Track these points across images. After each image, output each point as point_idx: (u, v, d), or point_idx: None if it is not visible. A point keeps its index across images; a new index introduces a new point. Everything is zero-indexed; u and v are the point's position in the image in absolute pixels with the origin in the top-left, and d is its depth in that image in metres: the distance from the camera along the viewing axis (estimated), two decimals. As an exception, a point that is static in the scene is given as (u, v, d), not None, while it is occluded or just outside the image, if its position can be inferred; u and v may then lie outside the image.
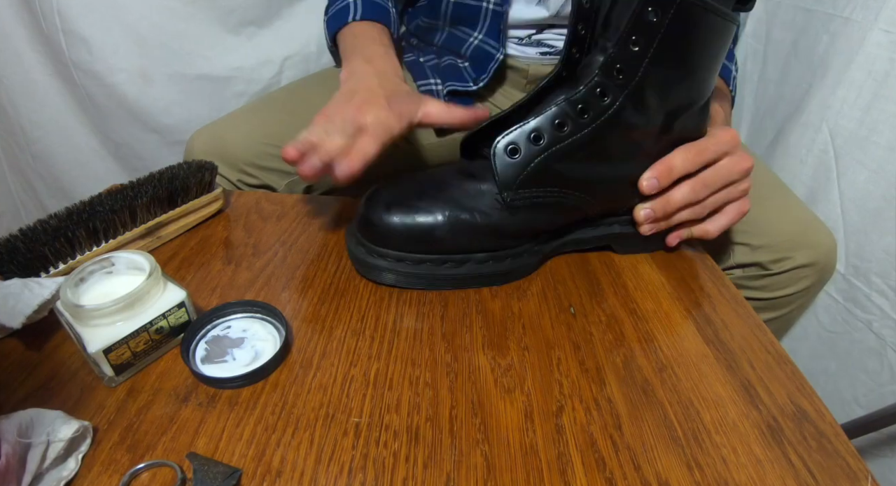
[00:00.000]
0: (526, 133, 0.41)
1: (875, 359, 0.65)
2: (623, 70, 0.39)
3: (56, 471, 0.29)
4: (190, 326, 0.38)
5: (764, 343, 0.40)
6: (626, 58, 0.39)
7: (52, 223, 0.42)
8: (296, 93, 0.74)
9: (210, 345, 0.38)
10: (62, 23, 0.74)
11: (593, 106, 0.40)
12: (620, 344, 0.40)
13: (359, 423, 0.33)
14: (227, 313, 0.40)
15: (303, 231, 0.52)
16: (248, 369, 0.35)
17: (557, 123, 0.40)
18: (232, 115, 0.69)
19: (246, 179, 0.66)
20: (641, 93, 0.40)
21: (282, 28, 0.84)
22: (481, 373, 0.37)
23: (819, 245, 0.61)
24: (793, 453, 0.32)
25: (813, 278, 0.63)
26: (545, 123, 0.41)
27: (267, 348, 0.37)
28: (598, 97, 0.40)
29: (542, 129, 0.41)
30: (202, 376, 0.35)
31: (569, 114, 0.40)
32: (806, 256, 0.60)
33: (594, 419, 0.34)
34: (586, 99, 0.40)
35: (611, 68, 0.39)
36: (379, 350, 0.38)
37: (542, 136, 0.41)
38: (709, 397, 0.35)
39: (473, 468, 0.31)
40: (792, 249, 0.60)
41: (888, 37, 0.59)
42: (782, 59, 0.77)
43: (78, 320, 0.34)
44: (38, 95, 0.82)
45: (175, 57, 0.80)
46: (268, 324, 0.39)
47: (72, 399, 0.34)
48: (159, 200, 0.47)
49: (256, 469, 0.30)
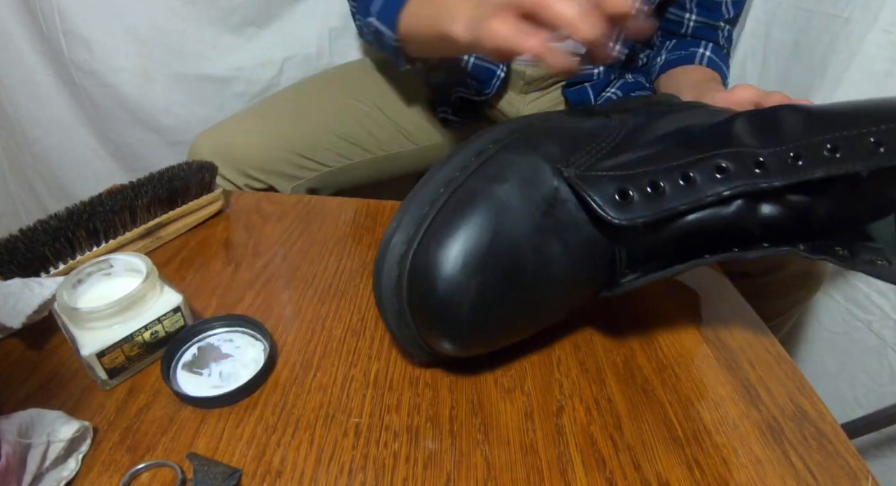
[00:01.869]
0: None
1: (875, 359, 0.65)
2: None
3: (56, 471, 0.29)
4: (167, 345, 0.36)
5: (764, 343, 0.40)
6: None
7: (53, 223, 0.42)
8: (299, 95, 0.74)
9: (191, 364, 0.36)
10: (62, 23, 0.74)
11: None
12: (620, 344, 0.40)
13: (359, 423, 0.33)
14: (206, 329, 0.38)
15: (303, 231, 0.52)
16: (230, 388, 0.34)
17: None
18: (236, 118, 0.69)
19: (253, 184, 0.66)
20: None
21: (282, 29, 0.83)
22: (481, 373, 0.37)
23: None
24: (793, 453, 0.32)
25: (804, 286, 0.62)
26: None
27: (250, 364, 0.36)
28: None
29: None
30: (185, 396, 0.34)
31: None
32: (798, 263, 0.60)
33: (594, 419, 0.34)
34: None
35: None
36: (379, 350, 0.38)
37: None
38: (709, 397, 0.35)
39: (473, 469, 0.30)
40: (783, 259, 0.60)
41: (888, 37, 0.59)
42: (782, 59, 0.77)
43: (73, 322, 0.34)
44: (38, 95, 0.82)
45: (175, 57, 0.80)
46: (249, 337, 0.38)
47: (72, 399, 0.34)
48: (159, 200, 0.47)
49: (256, 469, 0.30)
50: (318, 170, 0.70)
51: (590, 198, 0.31)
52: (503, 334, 0.35)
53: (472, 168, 0.33)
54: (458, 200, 0.31)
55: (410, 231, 0.32)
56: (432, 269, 0.30)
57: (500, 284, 0.31)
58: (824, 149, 0.30)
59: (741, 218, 0.32)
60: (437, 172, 0.33)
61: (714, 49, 0.71)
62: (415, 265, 0.31)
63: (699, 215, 0.32)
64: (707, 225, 0.32)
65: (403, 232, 0.32)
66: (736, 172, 0.31)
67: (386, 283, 0.32)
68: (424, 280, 0.31)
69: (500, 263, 0.31)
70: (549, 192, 0.32)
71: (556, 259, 0.32)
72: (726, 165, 0.31)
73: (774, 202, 0.32)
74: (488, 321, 0.32)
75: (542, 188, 0.32)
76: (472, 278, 0.30)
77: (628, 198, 0.31)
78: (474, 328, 0.32)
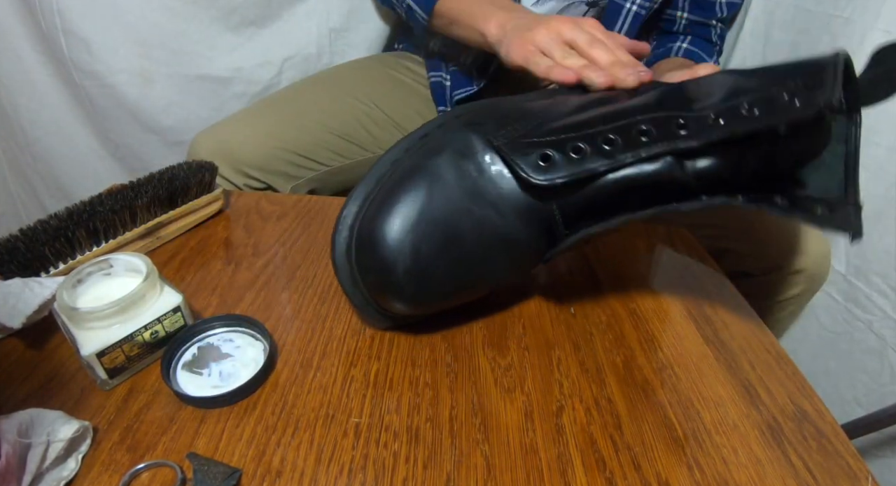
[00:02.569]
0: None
1: (875, 359, 0.65)
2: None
3: (56, 471, 0.29)
4: (167, 345, 0.36)
5: (764, 343, 0.40)
6: None
7: (53, 223, 0.42)
8: (298, 94, 0.74)
9: (191, 364, 0.36)
10: (62, 23, 0.74)
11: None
12: (620, 344, 0.40)
13: (359, 423, 0.33)
14: (206, 329, 0.38)
15: (303, 231, 0.52)
16: (230, 388, 0.34)
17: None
18: (235, 118, 0.69)
19: (252, 184, 0.66)
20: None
21: (282, 29, 0.83)
22: (481, 373, 0.37)
23: (810, 252, 0.61)
24: (793, 453, 0.32)
25: (803, 285, 0.62)
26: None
27: (249, 364, 0.36)
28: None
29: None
30: (185, 396, 0.34)
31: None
32: (795, 262, 0.60)
33: (594, 419, 0.34)
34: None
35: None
36: (379, 350, 0.38)
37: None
38: (709, 397, 0.35)
39: (473, 469, 0.30)
40: (780, 255, 0.60)
41: (888, 37, 0.59)
42: (782, 59, 0.77)
43: (73, 322, 0.34)
44: (38, 95, 0.82)
45: (175, 57, 0.80)
46: (249, 337, 0.38)
47: (72, 399, 0.34)
48: (159, 200, 0.47)
49: (256, 469, 0.30)
50: (317, 169, 0.70)
51: (514, 163, 0.34)
52: (443, 292, 0.37)
53: (414, 149, 0.37)
54: (399, 175, 0.36)
55: (359, 202, 0.37)
56: (375, 232, 0.34)
57: (434, 245, 0.34)
58: (742, 108, 0.33)
59: (669, 173, 0.34)
60: (386, 154, 0.38)
61: (694, 41, 0.71)
62: (360, 232, 0.35)
63: (623, 174, 0.34)
64: (632, 182, 0.35)
65: (353, 204, 0.37)
66: (657, 134, 0.34)
67: (339, 250, 0.37)
68: (368, 243, 0.35)
69: (433, 226, 0.34)
70: (480, 160, 0.36)
71: (491, 222, 0.35)
72: (648, 127, 0.34)
73: (704, 156, 0.34)
74: (425, 280, 0.35)
75: (474, 158, 0.36)
76: (408, 239, 0.34)
77: (550, 161, 0.34)
78: (413, 286, 0.35)
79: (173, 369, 0.36)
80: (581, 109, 0.38)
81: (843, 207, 0.32)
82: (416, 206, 0.34)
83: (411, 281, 0.35)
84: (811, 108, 0.31)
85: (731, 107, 0.33)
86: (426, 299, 0.37)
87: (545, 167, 0.34)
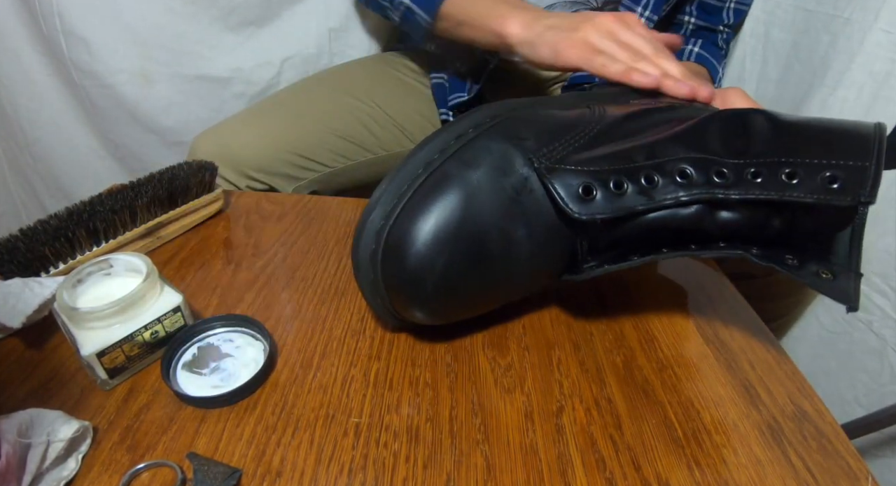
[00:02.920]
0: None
1: (875, 359, 0.65)
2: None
3: (56, 471, 0.29)
4: (167, 345, 0.36)
5: (764, 343, 0.40)
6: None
7: (53, 223, 0.42)
8: (298, 95, 0.74)
9: (191, 364, 0.36)
10: (62, 23, 0.74)
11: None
12: (620, 344, 0.40)
13: (359, 423, 0.33)
14: (206, 329, 0.38)
15: (303, 231, 0.52)
16: (230, 388, 0.34)
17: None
18: (235, 119, 0.69)
19: (255, 186, 0.66)
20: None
21: (282, 29, 0.83)
22: (481, 373, 0.37)
23: None
24: (793, 453, 0.32)
25: (805, 290, 0.62)
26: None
27: (249, 364, 0.36)
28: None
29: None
30: (185, 396, 0.34)
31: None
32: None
33: (594, 419, 0.34)
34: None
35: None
36: (379, 350, 0.38)
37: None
38: (709, 397, 0.35)
39: (473, 469, 0.30)
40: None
41: (888, 37, 0.59)
42: (782, 59, 0.77)
43: (73, 322, 0.34)
44: (38, 95, 0.82)
45: (175, 57, 0.80)
46: (249, 337, 0.38)
47: (72, 399, 0.34)
48: (159, 200, 0.47)
49: (256, 469, 0.30)
50: (319, 171, 0.70)
51: (555, 191, 0.33)
52: (466, 306, 0.38)
53: (450, 151, 0.35)
54: (433, 182, 0.34)
55: (388, 208, 0.34)
56: (404, 244, 0.33)
57: (465, 262, 0.34)
58: (782, 173, 0.32)
59: (699, 220, 0.34)
60: (418, 151, 0.35)
61: (705, 45, 0.71)
62: (389, 240, 0.34)
63: (658, 215, 0.34)
64: (665, 224, 0.35)
65: (382, 208, 0.34)
66: (697, 179, 0.33)
67: (363, 254, 0.35)
68: (397, 255, 0.33)
69: (466, 243, 0.33)
70: (519, 180, 0.35)
71: (521, 243, 0.35)
72: (689, 171, 0.34)
73: (734, 209, 0.34)
74: (452, 295, 0.35)
75: (513, 176, 0.34)
76: (440, 255, 0.33)
77: (591, 194, 0.33)
78: (440, 301, 0.35)
79: (173, 369, 0.36)
80: (625, 129, 0.38)
81: (847, 273, 0.32)
82: (450, 221, 0.33)
83: (439, 296, 0.34)
84: (848, 197, 0.31)
85: (769, 165, 0.33)
86: (449, 313, 0.37)
87: (585, 200, 0.33)
